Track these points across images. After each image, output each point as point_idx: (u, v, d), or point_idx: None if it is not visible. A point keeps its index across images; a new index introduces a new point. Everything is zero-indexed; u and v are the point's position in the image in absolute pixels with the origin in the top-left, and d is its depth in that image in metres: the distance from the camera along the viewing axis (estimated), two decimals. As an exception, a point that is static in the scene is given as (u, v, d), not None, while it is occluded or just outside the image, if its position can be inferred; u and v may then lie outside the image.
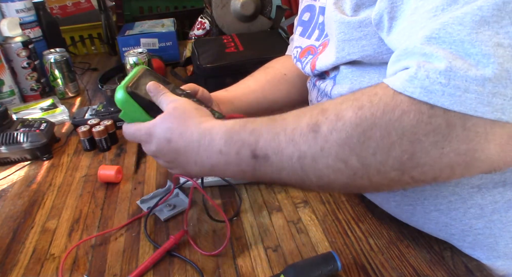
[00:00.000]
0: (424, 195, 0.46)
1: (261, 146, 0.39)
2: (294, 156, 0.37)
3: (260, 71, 0.77)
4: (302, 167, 0.37)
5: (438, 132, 0.31)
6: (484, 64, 0.29)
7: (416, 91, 0.31)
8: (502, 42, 0.29)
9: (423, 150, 0.32)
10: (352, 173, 0.35)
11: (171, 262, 0.51)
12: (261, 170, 0.40)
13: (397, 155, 0.33)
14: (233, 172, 0.43)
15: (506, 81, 0.29)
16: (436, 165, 0.32)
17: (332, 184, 0.37)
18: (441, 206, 0.45)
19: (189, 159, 0.45)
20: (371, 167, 0.34)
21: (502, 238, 0.44)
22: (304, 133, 0.36)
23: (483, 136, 0.31)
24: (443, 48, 0.31)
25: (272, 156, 0.38)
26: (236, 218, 0.58)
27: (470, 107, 0.30)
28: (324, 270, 0.45)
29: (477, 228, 0.45)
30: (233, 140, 0.41)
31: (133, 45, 1.16)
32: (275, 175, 0.39)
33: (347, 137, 0.34)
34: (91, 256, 0.53)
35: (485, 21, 0.30)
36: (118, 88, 0.50)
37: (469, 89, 0.30)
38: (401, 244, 0.51)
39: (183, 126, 0.45)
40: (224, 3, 1.16)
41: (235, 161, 0.41)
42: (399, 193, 0.48)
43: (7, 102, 0.97)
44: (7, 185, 0.70)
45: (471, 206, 0.44)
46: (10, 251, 0.55)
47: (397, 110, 0.32)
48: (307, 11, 0.61)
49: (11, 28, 0.98)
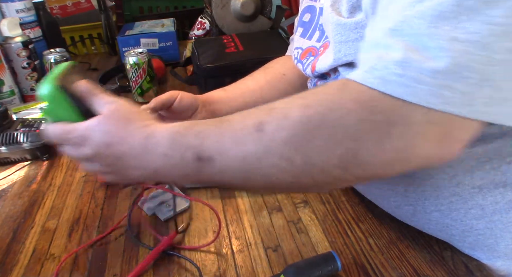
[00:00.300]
0: (424, 196, 0.46)
1: (205, 148, 0.38)
2: (238, 157, 0.36)
3: (260, 71, 0.77)
4: (247, 167, 0.36)
5: (379, 131, 0.32)
6: (439, 57, 0.30)
7: (375, 81, 0.32)
8: (458, 37, 0.30)
9: (365, 148, 0.33)
10: (297, 172, 0.35)
11: (170, 263, 0.51)
12: (206, 173, 0.39)
13: (341, 153, 0.33)
14: (177, 175, 0.41)
15: (457, 75, 0.30)
16: (377, 162, 0.33)
17: (277, 184, 0.37)
18: (442, 206, 0.45)
19: (130, 163, 0.42)
20: (315, 166, 0.34)
21: (502, 239, 0.44)
22: (249, 133, 0.36)
23: (421, 133, 0.32)
24: (403, 40, 0.32)
25: (217, 158, 0.37)
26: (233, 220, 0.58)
27: (422, 98, 0.31)
28: (324, 270, 0.45)
29: (477, 228, 0.45)
30: (178, 143, 0.40)
31: (133, 45, 1.16)
32: (220, 177, 0.38)
33: (292, 136, 0.34)
34: (91, 256, 0.53)
35: (444, 16, 0.30)
36: (44, 81, 0.44)
37: (422, 80, 0.31)
38: (401, 244, 0.51)
39: (125, 129, 0.42)
40: (224, 3, 1.16)
41: (179, 164, 0.39)
42: (400, 194, 0.48)
43: (7, 102, 0.97)
44: (7, 185, 0.70)
45: (472, 207, 0.44)
46: (10, 251, 0.55)
47: (342, 109, 0.33)
48: (307, 12, 0.61)
49: (11, 28, 0.98)
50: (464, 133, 0.33)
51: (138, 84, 0.95)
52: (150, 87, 0.96)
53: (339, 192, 0.61)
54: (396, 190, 0.48)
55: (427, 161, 0.34)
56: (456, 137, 0.33)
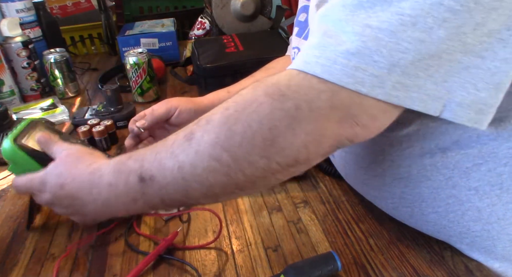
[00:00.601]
0: (421, 198, 0.46)
1: (145, 168, 0.40)
2: (175, 168, 0.38)
3: (261, 72, 0.77)
4: (183, 177, 0.38)
5: (289, 116, 0.35)
6: (352, 40, 0.33)
7: (300, 64, 0.36)
8: (370, 24, 0.33)
9: (280, 134, 0.35)
10: (228, 170, 0.37)
11: (170, 264, 0.51)
12: (151, 192, 0.41)
13: (260, 142, 0.36)
14: (124, 203, 0.43)
15: (367, 58, 0.33)
16: (293, 146, 0.36)
17: (214, 187, 0.38)
18: (439, 208, 0.45)
19: (84, 200, 0.45)
20: (241, 159, 0.36)
21: (500, 241, 0.44)
22: (180, 143, 0.39)
23: (324, 115, 0.35)
24: (326, 25, 0.36)
25: (157, 175, 0.39)
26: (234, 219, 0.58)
27: (336, 77, 0.34)
28: (324, 270, 0.45)
29: (475, 230, 0.45)
30: (120, 171, 0.42)
31: (133, 45, 1.16)
32: (165, 192, 0.40)
33: (216, 136, 0.37)
34: (91, 256, 0.53)
35: (362, 5, 0.34)
36: (5, 140, 0.52)
37: (337, 61, 0.34)
38: (401, 244, 0.51)
39: (75, 169, 0.46)
40: (224, 3, 1.16)
41: (124, 190, 0.42)
42: (397, 196, 0.48)
43: (7, 102, 0.97)
44: (7, 185, 0.70)
45: (468, 209, 0.44)
46: (10, 251, 0.55)
47: (255, 103, 0.36)
48: (303, 11, 0.61)
49: (11, 28, 0.98)
50: (373, 117, 0.36)
51: (138, 84, 0.95)
52: (150, 87, 0.96)
53: (339, 192, 0.62)
54: (393, 192, 0.48)
55: (339, 141, 0.37)
56: (362, 121, 0.36)
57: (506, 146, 0.40)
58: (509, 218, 0.43)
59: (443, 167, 0.43)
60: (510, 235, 0.43)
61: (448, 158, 0.43)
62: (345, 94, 0.34)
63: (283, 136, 0.35)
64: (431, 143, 0.43)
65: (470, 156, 0.42)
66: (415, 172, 0.45)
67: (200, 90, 1.00)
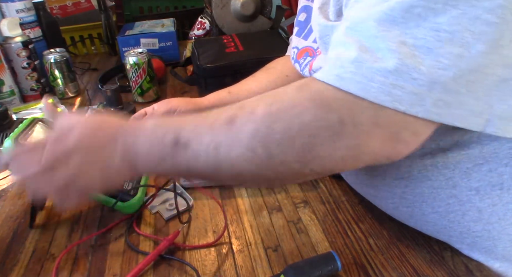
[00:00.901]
0: (422, 198, 0.46)
1: (184, 134, 0.40)
2: (211, 145, 0.39)
3: (262, 72, 0.77)
4: (217, 156, 0.38)
5: (332, 128, 0.35)
6: (388, 58, 0.33)
7: (331, 78, 0.35)
8: (406, 41, 0.32)
9: (319, 144, 0.35)
10: (260, 163, 0.37)
11: (170, 263, 0.51)
12: (179, 158, 0.40)
13: (298, 147, 0.36)
14: (154, 159, 0.42)
15: (405, 75, 0.32)
16: (331, 157, 0.36)
17: (242, 174, 0.39)
18: (440, 208, 0.45)
19: (111, 151, 0.42)
20: (275, 157, 0.37)
21: (500, 241, 0.44)
22: (222, 124, 0.39)
23: (367, 133, 0.35)
24: (358, 40, 0.35)
25: (192, 144, 0.40)
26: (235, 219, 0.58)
27: (372, 95, 0.33)
28: (324, 270, 0.45)
29: (475, 230, 0.45)
30: (160, 125, 0.43)
31: (133, 45, 1.16)
32: (194, 163, 0.40)
33: (256, 129, 0.37)
34: (91, 256, 0.53)
35: (394, 21, 0.33)
36: (6, 140, 0.53)
37: (374, 79, 0.33)
38: (401, 244, 0.51)
39: (111, 119, 0.45)
40: (224, 3, 1.16)
41: (159, 145, 0.41)
42: (397, 196, 0.48)
43: (7, 102, 0.97)
44: (7, 185, 0.70)
45: (469, 209, 0.44)
46: (10, 251, 0.55)
47: (299, 107, 0.36)
48: (303, 11, 0.61)
49: (11, 28, 0.98)
50: (414, 133, 0.35)
51: (138, 84, 0.95)
52: (150, 87, 0.96)
53: (339, 192, 0.62)
54: (393, 192, 0.48)
55: (376, 158, 0.37)
56: (405, 137, 0.35)
57: (507, 146, 0.40)
58: (510, 218, 0.43)
59: (444, 167, 0.43)
60: (510, 235, 0.43)
61: (449, 158, 0.43)
62: (388, 112, 0.34)
63: (323, 146, 0.35)
64: (431, 143, 0.43)
65: (471, 156, 0.42)
66: (416, 172, 0.45)
67: (200, 90, 1.00)
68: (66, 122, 0.44)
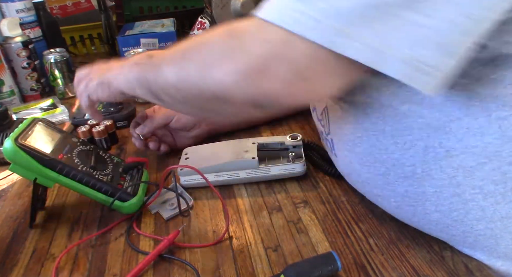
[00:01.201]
0: (425, 197, 0.46)
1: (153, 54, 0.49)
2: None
3: None
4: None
5: (228, 46, 0.40)
6: None
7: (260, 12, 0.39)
8: None
9: (216, 59, 0.40)
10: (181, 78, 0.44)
11: (170, 263, 0.51)
12: (154, 63, 0.48)
13: (198, 61, 0.42)
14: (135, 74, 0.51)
15: (311, 3, 0.35)
16: (224, 72, 0.40)
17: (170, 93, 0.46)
18: (443, 207, 0.45)
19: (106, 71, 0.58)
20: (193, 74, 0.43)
21: (503, 239, 0.44)
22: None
23: (260, 47, 0.38)
24: None
25: (158, 59, 0.48)
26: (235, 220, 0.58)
27: (276, 17, 0.37)
28: (324, 270, 0.45)
29: (478, 229, 0.45)
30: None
31: (133, 45, 1.16)
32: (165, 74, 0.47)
33: (172, 56, 0.47)
34: (91, 256, 0.53)
35: None
36: (6, 140, 0.53)
37: (281, 4, 0.37)
38: (401, 244, 0.51)
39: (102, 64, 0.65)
40: (224, 3, 1.16)
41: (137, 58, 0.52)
42: (400, 195, 0.48)
43: (7, 102, 0.97)
44: (7, 185, 0.70)
45: (472, 207, 0.44)
46: (10, 251, 0.55)
47: (212, 34, 0.43)
48: None
49: (11, 28, 0.98)
50: (315, 68, 0.38)
51: (138, 84, 0.94)
52: (150, 87, 0.96)
53: (339, 192, 0.62)
54: (396, 191, 0.48)
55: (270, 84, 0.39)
56: (295, 56, 0.37)
57: (510, 145, 0.40)
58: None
59: (447, 166, 0.43)
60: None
61: (452, 157, 0.43)
62: (286, 33, 0.36)
63: (218, 61, 0.40)
64: (435, 141, 0.43)
65: (474, 155, 0.42)
66: (419, 171, 0.45)
67: (200, 90, 1.00)
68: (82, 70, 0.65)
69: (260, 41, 0.38)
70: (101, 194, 0.57)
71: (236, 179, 0.64)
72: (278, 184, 0.64)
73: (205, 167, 0.61)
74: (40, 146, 0.55)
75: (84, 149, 0.62)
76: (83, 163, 0.58)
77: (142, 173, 0.64)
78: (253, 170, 0.63)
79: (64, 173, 0.55)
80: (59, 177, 0.55)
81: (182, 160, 0.66)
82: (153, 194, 0.60)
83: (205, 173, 0.59)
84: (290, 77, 0.38)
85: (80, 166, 0.57)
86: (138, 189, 0.60)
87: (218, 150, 0.67)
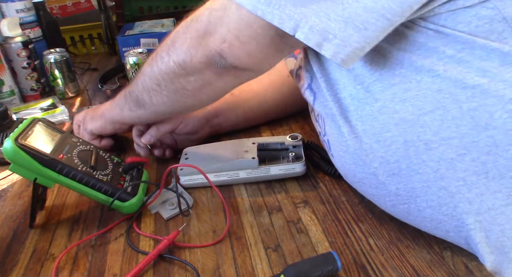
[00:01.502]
0: (415, 193, 0.46)
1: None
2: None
3: None
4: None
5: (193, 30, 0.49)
6: None
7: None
8: None
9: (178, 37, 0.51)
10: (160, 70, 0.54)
11: (170, 263, 0.51)
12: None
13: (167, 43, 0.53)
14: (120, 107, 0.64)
15: None
16: (182, 42, 0.50)
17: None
18: (432, 202, 0.46)
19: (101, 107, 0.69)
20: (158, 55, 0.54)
21: (492, 232, 0.44)
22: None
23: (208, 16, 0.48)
24: None
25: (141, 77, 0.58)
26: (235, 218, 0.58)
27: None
28: (324, 270, 0.45)
29: (468, 223, 0.44)
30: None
31: (133, 45, 1.16)
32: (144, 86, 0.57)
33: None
34: (91, 256, 0.53)
35: None
36: (6, 140, 0.53)
37: None
38: (401, 244, 0.51)
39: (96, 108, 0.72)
40: (224, 3, 1.16)
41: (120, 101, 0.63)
42: (393, 193, 0.48)
43: (7, 102, 0.97)
44: (7, 185, 0.70)
45: (459, 200, 0.44)
46: (10, 251, 0.55)
47: None
48: None
49: (11, 28, 0.98)
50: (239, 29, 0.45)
51: (138, 84, 0.94)
52: (150, 87, 0.96)
53: (339, 192, 0.62)
54: (389, 189, 0.48)
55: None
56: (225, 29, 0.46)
57: (485, 134, 0.40)
58: (499, 207, 0.42)
59: (429, 159, 0.44)
60: (501, 225, 0.43)
61: (432, 149, 0.43)
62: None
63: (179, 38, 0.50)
64: (413, 136, 0.44)
65: (452, 146, 0.42)
66: (404, 167, 0.46)
67: (200, 90, 1.00)
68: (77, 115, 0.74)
69: (208, 10, 0.47)
70: (101, 194, 0.57)
71: (236, 179, 0.64)
72: (278, 184, 0.64)
73: (205, 167, 0.61)
74: (40, 146, 0.55)
75: (84, 149, 0.62)
76: (83, 163, 0.58)
77: (142, 173, 0.64)
78: (253, 170, 0.63)
79: (64, 173, 0.55)
80: (59, 177, 0.55)
81: (182, 160, 0.66)
82: (153, 194, 0.60)
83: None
84: (230, 38, 0.45)
85: (80, 166, 0.57)
86: (138, 189, 0.60)
87: (218, 150, 0.68)
